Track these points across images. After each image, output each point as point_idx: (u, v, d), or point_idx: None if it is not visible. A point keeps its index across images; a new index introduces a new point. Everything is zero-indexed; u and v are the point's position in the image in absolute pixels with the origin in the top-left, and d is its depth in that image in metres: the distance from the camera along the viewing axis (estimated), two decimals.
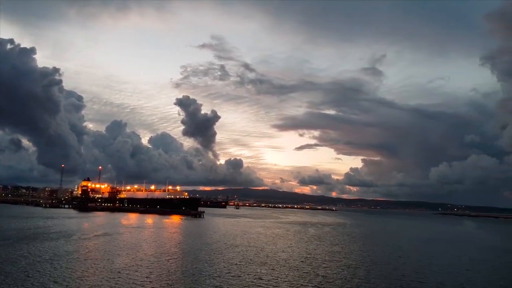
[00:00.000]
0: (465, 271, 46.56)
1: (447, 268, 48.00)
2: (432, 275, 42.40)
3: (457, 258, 57.76)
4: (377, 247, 68.00)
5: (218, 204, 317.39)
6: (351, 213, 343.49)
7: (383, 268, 45.44)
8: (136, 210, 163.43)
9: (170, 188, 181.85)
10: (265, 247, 59.67)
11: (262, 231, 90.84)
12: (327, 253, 56.43)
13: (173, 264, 42.11)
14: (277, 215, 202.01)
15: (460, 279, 40.81)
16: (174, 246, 57.74)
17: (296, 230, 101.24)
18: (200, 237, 72.38)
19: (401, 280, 38.63)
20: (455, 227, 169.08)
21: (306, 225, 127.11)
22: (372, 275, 40.86)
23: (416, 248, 70.41)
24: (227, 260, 45.60)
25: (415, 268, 46.38)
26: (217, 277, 36.03)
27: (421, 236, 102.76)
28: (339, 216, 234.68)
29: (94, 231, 72.94)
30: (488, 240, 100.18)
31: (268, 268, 41.75)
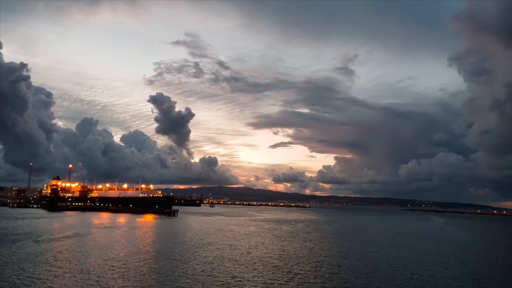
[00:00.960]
0: (433, 265, 48.48)
1: (416, 262, 49.86)
2: (402, 269, 44.03)
3: (426, 253, 59.99)
4: (349, 243, 69.68)
5: (193, 202, 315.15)
6: (324, 210, 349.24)
7: (354, 263, 46.74)
8: (108, 210, 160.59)
9: (143, 186, 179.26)
10: (239, 245, 60.11)
11: (236, 229, 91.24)
12: (300, 249, 57.46)
13: (147, 263, 41.88)
14: (251, 213, 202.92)
15: (429, 273, 42.55)
16: (148, 245, 57.27)
17: (270, 227, 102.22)
18: (174, 236, 72.03)
19: (373, 274, 39.95)
20: (424, 222, 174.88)
21: (280, 222, 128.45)
22: (344, 270, 42.04)
23: (386, 243, 72.53)
24: (201, 259, 45.73)
25: (386, 263, 47.98)
26: (190, 276, 36.16)
27: (391, 231, 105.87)
28: (312, 213, 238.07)
29: (64, 232, 71.25)
30: (454, 234, 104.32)
31: (242, 266, 42.20)
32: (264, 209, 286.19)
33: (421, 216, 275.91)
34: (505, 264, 52.45)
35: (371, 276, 39.54)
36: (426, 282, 37.74)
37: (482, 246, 75.58)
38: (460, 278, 40.47)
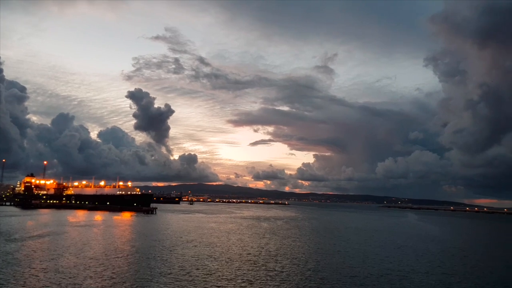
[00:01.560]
0: (408, 260, 49.70)
1: (392, 257, 51.03)
2: (379, 265, 45.00)
3: (401, 248, 61.48)
4: (327, 240, 70.67)
5: (172, 200, 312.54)
6: (303, 207, 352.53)
7: (333, 260, 47.52)
8: (84, 207, 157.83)
9: (121, 184, 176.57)
10: (218, 242, 60.09)
11: (215, 226, 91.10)
12: (279, 246, 57.87)
13: (124, 262, 41.39)
14: (231, 210, 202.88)
15: (404, 268, 43.65)
16: (125, 243, 56.54)
17: (249, 224, 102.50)
18: (152, 234, 71.34)
19: (350, 270, 40.70)
20: (399, 219, 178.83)
21: (259, 219, 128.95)
22: (323, 266, 42.67)
23: (363, 239, 73.93)
24: (180, 256, 45.54)
25: (363, 259, 48.93)
26: (169, 274, 35.98)
27: (368, 228, 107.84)
28: (291, 210, 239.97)
29: (38, 230, 69.54)
30: (428, 230, 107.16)
31: (221, 263, 42.25)
32: (244, 207, 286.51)
33: (396, 212, 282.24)
34: (474, 258, 54.20)
35: (349, 271, 40.27)
36: (402, 276, 38.70)
37: (454, 241, 77.89)
38: (433, 272, 41.68)
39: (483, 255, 60.15)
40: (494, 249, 71.25)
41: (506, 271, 46.29)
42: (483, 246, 74.11)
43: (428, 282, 36.80)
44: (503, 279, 40.44)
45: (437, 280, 37.88)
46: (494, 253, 63.40)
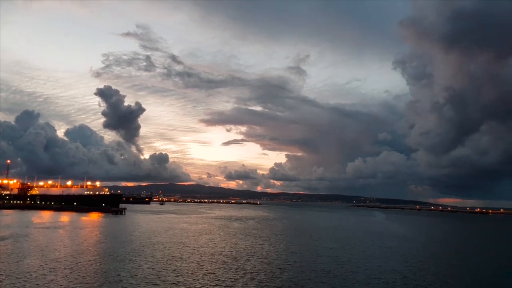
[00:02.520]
0: (376, 258, 51.12)
1: (360, 255, 52.34)
2: (348, 263, 46.09)
3: (369, 247, 63.10)
4: (298, 239, 71.57)
5: (142, 200, 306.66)
6: (275, 206, 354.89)
7: (303, 258, 48.26)
8: (50, 208, 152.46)
9: (88, 184, 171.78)
10: (189, 243, 59.73)
11: (186, 227, 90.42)
12: (251, 246, 58.17)
13: (91, 264, 40.48)
14: (202, 210, 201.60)
15: (372, 265, 44.93)
16: (92, 245, 55.24)
17: (221, 224, 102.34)
18: (121, 235, 70.00)
19: (320, 269, 41.53)
20: (368, 218, 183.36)
21: (231, 219, 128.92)
22: (293, 265, 43.28)
23: (333, 238, 75.39)
24: (149, 258, 44.98)
25: (333, 257, 49.98)
26: (137, 276, 35.53)
27: (337, 227, 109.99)
28: (263, 210, 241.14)
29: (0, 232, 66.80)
30: (395, 229, 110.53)
31: (191, 264, 42.07)
32: (215, 207, 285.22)
33: (365, 211, 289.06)
34: (438, 256, 56.45)
35: (318, 270, 41.08)
36: (369, 274, 39.83)
37: (420, 239, 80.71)
38: (400, 269, 43.11)
39: (445, 251, 62.71)
40: (455, 245, 74.41)
41: (464, 265, 48.57)
42: (446, 243, 77.23)
43: (394, 278, 38.11)
44: (463, 273, 42.44)
45: (403, 277, 39.28)
46: (455, 249, 66.30)
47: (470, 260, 55.55)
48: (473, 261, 54.52)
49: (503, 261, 56.65)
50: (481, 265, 50.34)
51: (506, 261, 56.92)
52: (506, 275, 44.81)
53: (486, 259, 57.13)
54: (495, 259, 57.88)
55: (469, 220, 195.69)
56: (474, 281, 39.68)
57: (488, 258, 58.37)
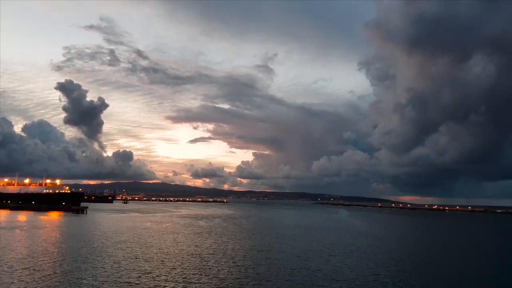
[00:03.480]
0: (339, 254, 52.60)
1: (324, 252, 53.68)
2: (312, 259, 47.18)
3: (333, 243, 64.74)
4: (264, 237, 72.31)
5: (104, 198, 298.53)
6: (241, 204, 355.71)
7: (268, 256, 48.84)
8: (6, 207, 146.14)
9: (48, 182, 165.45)
10: (153, 242, 58.97)
11: (151, 226, 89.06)
12: (216, 244, 58.21)
13: (51, 265, 39.17)
14: (168, 209, 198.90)
15: (335, 261, 46.24)
16: (52, 245, 53.37)
17: (186, 223, 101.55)
18: (82, 234, 67.95)
19: (285, 266, 42.23)
20: (332, 215, 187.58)
21: (197, 218, 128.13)
22: (258, 263, 43.78)
23: (298, 235, 76.70)
24: (111, 258, 44.07)
25: (297, 254, 50.93)
26: (99, 276, 34.78)
27: (302, 224, 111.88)
28: (229, 208, 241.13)
29: None
30: (357, 226, 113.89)
31: (155, 264, 41.65)
32: (181, 205, 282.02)
33: (329, 209, 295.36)
34: (397, 250, 58.81)
35: (284, 267, 41.76)
36: (333, 271, 40.96)
37: (380, 235, 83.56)
38: (361, 265, 44.65)
39: (404, 246, 65.43)
40: (413, 240, 77.78)
41: (422, 259, 50.98)
42: (405, 239, 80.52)
43: (356, 274, 39.42)
44: (420, 266, 44.59)
45: (365, 273, 40.71)
46: (413, 244, 69.34)
47: (427, 254, 58.29)
48: (430, 254, 57.25)
49: (458, 254, 59.73)
50: (437, 258, 52.94)
51: (461, 253, 60.05)
52: (461, 265, 47.41)
53: (441, 252, 60.17)
54: (450, 252, 61.01)
55: (427, 217, 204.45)
56: (433, 273, 41.74)
57: (443, 251, 61.48)
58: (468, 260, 53.91)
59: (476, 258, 56.11)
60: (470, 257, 57.59)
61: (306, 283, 35.19)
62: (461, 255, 59.55)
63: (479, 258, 56.09)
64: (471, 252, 64.11)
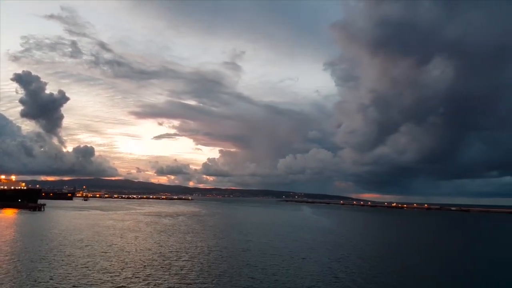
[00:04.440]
0: (302, 250, 53.62)
1: (288, 248, 54.57)
2: (276, 256, 47.87)
3: (297, 240, 66.01)
4: (229, 234, 72.38)
5: (64, 195, 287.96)
6: (207, 202, 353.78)
7: (233, 254, 49.06)
8: None
9: (2, 177, 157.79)
10: (114, 241, 57.70)
11: (112, 224, 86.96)
12: (180, 243, 57.78)
13: (5, 265, 37.47)
14: (131, 207, 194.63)
15: (298, 259, 47.11)
16: (6, 244, 50.93)
17: (150, 221, 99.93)
18: (39, 232, 65.33)
19: (250, 263, 42.66)
20: (296, 212, 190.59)
21: (161, 215, 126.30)
22: (222, 261, 43.90)
23: (263, 232, 77.44)
24: (69, 257, 42.76)
25: (262, 251, 51.51)
26: (56, 276, 33.72)
27: (267, 221, 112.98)
28: (194, 205, 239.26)
29: None
30: (320, 222, 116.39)
31: (116, 263, 40.85)
32: (145, 202, 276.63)
33: (294, 206, 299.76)
34: (356, 246, 60.83)
35: (248, 264, 42.17)
36: (297, 267, 41.82)
37: (341, 231, 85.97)
38: (323, 261, 45.82)
39: (363, 241, 67.74)
40: (372, 236, 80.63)
41: (380, 252, 53.09)
42: (364, 235, 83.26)
43: (318, 270, 40.49)
44: (376, 261, 46.44)
45: (327, 268, 41.89)
46: (372, 239, 71.93)
47: (385, 248, 60.69)
48: (387, 249, 59.65)
49: (414, 248, 62.54)
50: (394, 253, 55.30)
51: (416, 247, 62.92)
52: (412, 259, 49.73)
53: (398, 247, 62.86)
54: (406, 247, 63.85)
55: (386, 214, 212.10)
56: (387, 267, 43.56)
57: (399, 246, 64.26)
58: (420, 254, 56.52)
59: (428, 252, 58.94)
60: (421, 251, 60.39)
61: (270, 280, 35.70)
62: (412, 250, 62.36)
63: (431, 253, 58.97)
64: (423, 247, 67.21)
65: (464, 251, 64.51)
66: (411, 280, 38.58)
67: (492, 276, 42.82)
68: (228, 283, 33.92)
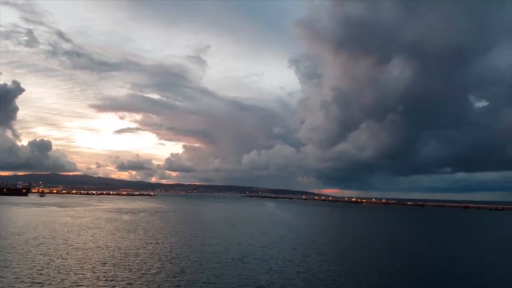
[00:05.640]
0: (265, 246, 54.53)
1: (250, 244, 55.37)
2: (238, 252, 48.49)
3: (260, 235, 67.00)
4: (190, 230, 72.27)
5: (18, 191, 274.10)
6: (169, 197, 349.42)
7: (195, 249, 49.16)
8: None
9: None
10: (71, 238, 56.12)
11: (70, 221, 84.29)
12: (141, 240, 57.10)
13: None
14: (90, 203, 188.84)
15: (260, 254, 47.94)
16: None
17: (109, 217, 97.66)
18: None
19: (213, 259, 42.95)
20: (259, 207, 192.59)
21: (121, 212, 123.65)
22: (184, 257, 43.95)
23: (226, 228, 77.91)
24: (23, 256, 41.26)
25: (223, 247, 51.89)
26: (6, 276, 32.58)
27: (230, 217, 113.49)
28: (157, 201, 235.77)
29: None
30: (283, 217, 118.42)
31: (72, 261, 39.91)
32: (105, 198, 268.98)
33: (257, 201, 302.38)
34: (318, 240, 62.66)
35: (209, 261, 42.43)
36: (258, 262, 42.57)
37: (303, 226, 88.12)
38: (287, 256, 46.94)
39: (324, 235, 69.88)
40: (333, 230, 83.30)
41: (338, 248, 55.11)
42: (325, 229, 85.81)
43: (280, 264, 41.48)
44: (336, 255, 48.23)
45: (288, 262, 43.01)
46: (332, 233, 74.34)
47: (346, 242, 63.02)
48: (347, 242, 61.97)
49: (371, 241, 65.32)
50: (353, 246, 57.52)
51: (374, 241, 65.78)
52: (368, 252, 52.07)
53: (357, 240, 65.38)
54: (364, 240, 66.52)
55: (346, 208, 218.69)
56: (348, 260, 45.36)
57: (358, 240, 66.85)
58: (375, 247, 59.22)
59: (384, 245, 61.90)
60: (376, 244, 63.25)
61: (231, 276, 36.19)
62: (369, 243, 65.15)
63: (387, 246, 61.96)
64: (379, 240, 70.32)
65: (414, 243, 67.98)
66: (370, 269, 40.33)
67: (438, 262, 45.70)
68: (189, 280, 34.03)
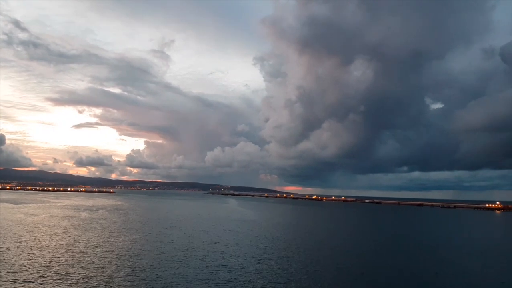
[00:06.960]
0: (227, 243, 55.81)
1: (211, 241, 56.46)
2: (201, 249, 49.59)
3: (222, 232, 68.30)
4: (150, 228, 72.40)
5: None
6: (130, 195, 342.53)
7: (154, 247, 49.76)
8: None
9: None
10: (23, 236, 55.14)
11: (23, 218, 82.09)
12: (97, 238, 56.79)
13: None
14: (46, 199, 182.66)
15: (221, 250, 49.18)
16: None
17: (66, 215, 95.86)
18: None
19: (171, 256, 43.88)
20: (222, 205, 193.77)
21: (78, 209, 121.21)
22: (143, 254, 44.56)
23: (188, 226, 78.64)
24: None
25: (184, 245, 52.78)
26: None
27: (192, 215, 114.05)
28: (116, 199, 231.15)
29: None
30: (245, 214, 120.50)
31: (24, 260, 39.64)
32: (62, 195, 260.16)
33: (220, 199, 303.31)
34: (279, 237, 64.87)
35: (169, 258, 43.30)
36: (219, 258, 43.86)
37: (264, 223, 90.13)
38: (248, 253, 48.51)
39: (285, 232, 72.50)
40: (294, 227, 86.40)
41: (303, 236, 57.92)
42: (285, 226, 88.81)
43: (241, 261, 42.99)
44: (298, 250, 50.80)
45: (249, 258, 44.63)
46: (293, 230, 77.32)
47: (304, 238, 65.89)
48: (306, 238, 64.70)
49: (330, 238, 68.60)
50: (312, 242, 59.76)
51: (333, 238, 69.17)
52: (325, 245, 55.19)
53: (315, 236, 68.41)
54: (321, 237, 69.66)
55: (307, 206, 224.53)
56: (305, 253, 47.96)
57: (315, 236, 69.89)
58: (334, 244, 61.90)
59: (343, 242, 64.89)
60: (336, 241, 66.31)
61: (192, 273, 37.08)
62: (329, 239, 68.41)
63: (346, 242, 65.11)
64: (338, 237, 73.81)
65: (371, 240, 71.87)
66: (330, 265, 42.63)
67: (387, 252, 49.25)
68: (149, 278, 34.60)
